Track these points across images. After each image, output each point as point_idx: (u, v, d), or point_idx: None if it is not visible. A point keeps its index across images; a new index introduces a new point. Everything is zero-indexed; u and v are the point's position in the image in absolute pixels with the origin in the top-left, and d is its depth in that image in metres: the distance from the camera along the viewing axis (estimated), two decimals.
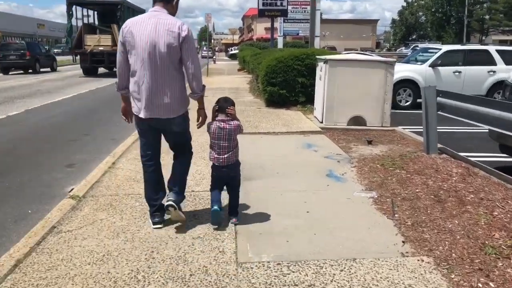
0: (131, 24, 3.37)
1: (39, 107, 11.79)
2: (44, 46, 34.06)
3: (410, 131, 8.17)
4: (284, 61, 10.45)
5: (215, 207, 3.59)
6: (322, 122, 8.49)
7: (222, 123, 3.51)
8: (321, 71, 8.62)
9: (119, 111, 3.88)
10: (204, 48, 41.29)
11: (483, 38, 62.51)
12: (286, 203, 4.32)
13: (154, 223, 3.69)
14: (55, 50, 48.94)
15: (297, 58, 10.45)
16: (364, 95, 8.22)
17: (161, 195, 3.75)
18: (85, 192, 4.57)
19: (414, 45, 56.22)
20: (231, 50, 63.26)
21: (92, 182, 4.88)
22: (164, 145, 3.86)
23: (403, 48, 60.10)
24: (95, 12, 25.21)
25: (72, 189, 4.86)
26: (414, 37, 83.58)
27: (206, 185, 4.57)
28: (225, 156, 3.55)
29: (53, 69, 27.83)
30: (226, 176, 3.68)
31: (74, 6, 22.96)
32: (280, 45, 24.52)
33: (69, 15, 22.82)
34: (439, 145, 6.02)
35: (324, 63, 8.28)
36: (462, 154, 5.84)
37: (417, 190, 4.50)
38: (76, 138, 7.91)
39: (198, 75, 3.47)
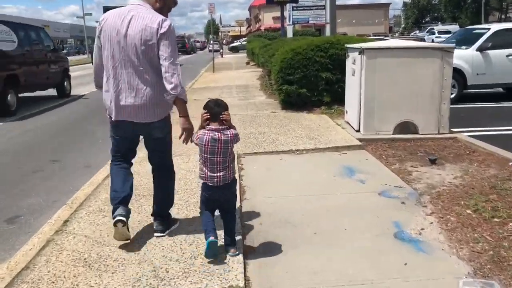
0: (108, 16, 3.08)
1: (14, 121, 9.95)
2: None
3: (475, 138, 6.19)
4: (303, 52, 8.45)
5: (212, 238, 2.91)
6: (358, 131, 6.51)
7: (217, 134, 2.88)
8: (355, 64, 6.61)
9: (106, 121, 3.40)
10: (211, 42, 39.30)
11: (503, 16, 59.43)
12: None
13: (114, 217, 3.11)
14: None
15: (319, 48, 8.44)
16: (413, 94, 6.21)
17: (127, 188, 3.25)
18: None
19: (429, 27, 53.66)
20: (235, 42, 61.33)
21: (16, 270, 2.98)
22: None
23: (417, 31, 57.44)
24: None
25: None
26: (427, 19, 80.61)
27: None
28: (220, 174, 2.92)
29: None
30: (221, 198, 3.02)
31: None
32: (290, 34, 22.60)
33: None
34: None
35: (359, 53, 6.27)
36: None
37: None
38: (39, 168, 6.03)
39: (174, 73, 2.95)
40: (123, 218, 3.08)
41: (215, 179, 2.90)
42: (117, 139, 3.30)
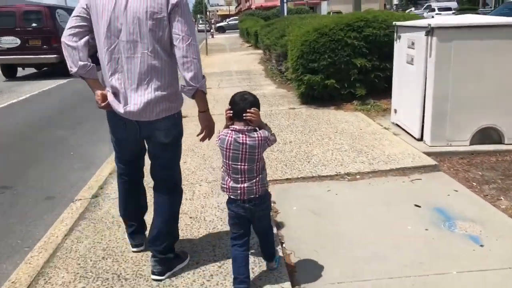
0: None
1: None
2: None
3: None
4: (330, 33, 6.66)
5: None
6: (421, 140, 4.80)
7: (241, 136, 2.24)
8: (413, 49, 4.86)
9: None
10: (200, 21, 37.17)
11: None
12: None
13: (132, 245, 2.84)
14: None
15: (351, 27, 6.66)
16: (504, 90, 4.50)
17: (139, 212, 2.85)
18: None
19: (426, 4, 51.64)
20: (222, 21, 58.92)
21: None
22: None
23: (413, 9, 55.38)
24: None
25: None
26: None
27: None
28: (245, 185, 2.29)
29: None
30: (248, 215, 2.34)
31: None
32: (284, 13, 20.81)
33: None
34: None
35: (426, 33, 4.49)
36: None
37: None
38: None
39: (194, 59, 2.30)
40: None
41: (238, 191, 2.32)
42: (116, 142, 2.64)
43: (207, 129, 2.49)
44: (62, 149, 5.94)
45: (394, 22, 5.53)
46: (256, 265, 2.64)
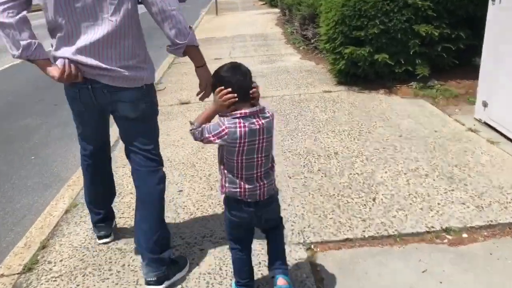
0: None
1: None
2: None
3: None
4: None
5: None
6: None
7: (255, 120, 1.76)
8: None
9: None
10: None
11: None
12: None
13: (99, 237, 2.55)
14: None
15: None
16: None
17: (107, 199, 2.56)
18: None
19: None
20: None
21: None
22: None
23: None
24: None
25: None
26: None
27: None
28: (265, 182, 1.84)
29: None
30: (264, 215, 1.91)
31: None
32: None
33: None
34: None
35: None
36: None
37: None
38: None
39: (172, 11, 1.94)
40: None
41: (258, 191, 1.81)
42: (76, 116, 2.25)
43: (205, 81, 2.13)
44: (22, 148, 4.45)
45: None
46: None
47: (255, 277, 2.09)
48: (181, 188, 3.13)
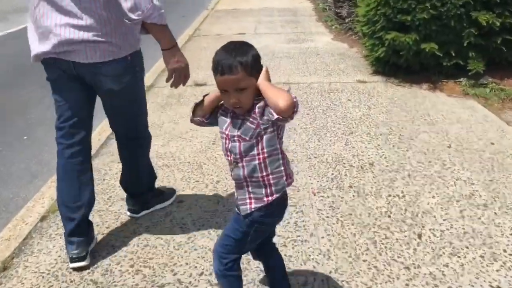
0: None
1: None
2: None
3: None
4: None
5: None
6: None
7: None
8: None
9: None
10: None
11: None
12: None
13: (72, 259, 2.01)
14: None
15: None
16: None
17: (84, 201, 2.06)
18: None
19: None
20: None
21: None
22: None
23: None
24: None
25: None
26: None
27: None
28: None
29: None
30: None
31: None
32: None
33: None
34: None
35: None
36: None
37: None
38: None
39: None
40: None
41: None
42: (57, 97, 2.04)
43: (177, 72, 1.96)
44: (15, 124, 3.99)
45: None
46: None
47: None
48: (182, 198, 2.60)
